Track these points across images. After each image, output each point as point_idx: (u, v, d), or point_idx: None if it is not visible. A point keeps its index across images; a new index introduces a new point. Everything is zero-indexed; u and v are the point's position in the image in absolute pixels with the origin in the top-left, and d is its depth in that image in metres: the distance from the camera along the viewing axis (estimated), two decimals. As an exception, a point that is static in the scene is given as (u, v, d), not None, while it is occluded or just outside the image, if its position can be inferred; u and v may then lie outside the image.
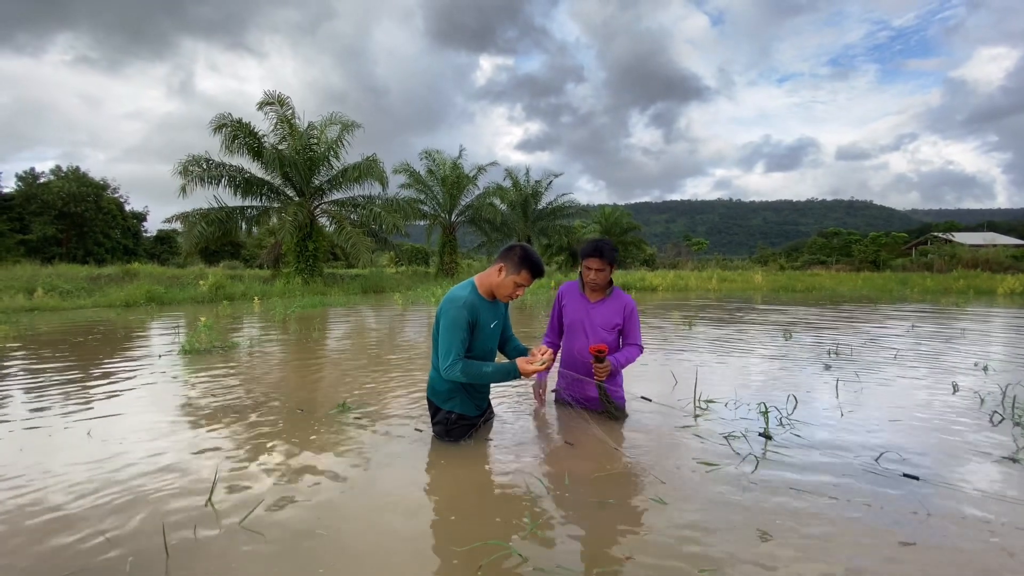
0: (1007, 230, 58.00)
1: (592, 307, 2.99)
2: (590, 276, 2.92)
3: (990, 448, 2.63)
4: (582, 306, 3.01)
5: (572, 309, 3.03)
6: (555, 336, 3.17)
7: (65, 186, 31.95)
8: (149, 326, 7.99)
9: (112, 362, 4.91)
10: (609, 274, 2.93)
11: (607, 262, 2.87)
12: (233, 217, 17.15)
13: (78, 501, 2.05)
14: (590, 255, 2.88)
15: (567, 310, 3.05)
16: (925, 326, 7.59)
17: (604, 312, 2.98)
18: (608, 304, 2.99)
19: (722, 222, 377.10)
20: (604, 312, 2.98)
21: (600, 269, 2.88)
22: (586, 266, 2.92)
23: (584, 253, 2.92)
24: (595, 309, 2.99)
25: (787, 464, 2.40)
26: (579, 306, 3.02)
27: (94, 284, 13.84)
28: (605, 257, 2.86)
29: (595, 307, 2.99)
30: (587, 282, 2.96)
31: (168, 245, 40.07)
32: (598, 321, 2.97)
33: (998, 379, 4.10)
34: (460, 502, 2.06)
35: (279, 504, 2.02)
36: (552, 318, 3.19)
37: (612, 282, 3.03)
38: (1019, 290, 15.58)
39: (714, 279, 19.91)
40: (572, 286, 3.10)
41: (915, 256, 38.06)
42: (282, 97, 16.89)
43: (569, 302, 3.06)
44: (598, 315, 2.98)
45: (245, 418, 3.15)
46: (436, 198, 24.51)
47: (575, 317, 3.01)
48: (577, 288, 3.07)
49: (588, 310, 2.99)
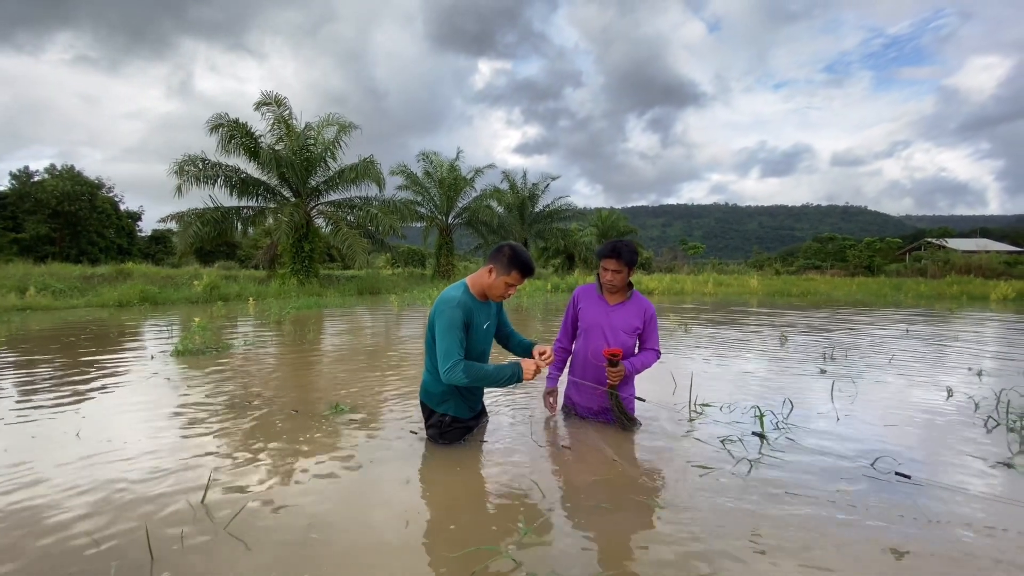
0: (1000, 236, 58.46)
1: (612, 310, 2.91)
2: (607, 277, 2.83)
3: (985, 453, 2.63)
4: (601, 309, 2.92)
5: (590, 312, 2.94)
6: (567, 340, 3.10)
7: (59, 185, 31.76)
8: (142, 326, 7.93)
9: (104, 363, 4.86)
10: (627, 276, 2.83)
11: (625, 263, 2.78)
12: (229, 217, 17.08)
13: (63, 503, 2.01)
14: (607, 256, 2.79)
15: (584, 313, 2.96)
16: (919, 331, 7.62)
17: (624, 315, 2.89)
18: (628, 307, 2.91)
19: (718, 226, 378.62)
20: (624, 315, 2.89)
21: (617, 270, 2.79)
22: (603, 267, 2.84)
23: (601, 254, 2.84)
24: (615, 312, 2.90)
25: (782, 468, 2.39)
26: (598, 309, 2.93)
27: (87, 284, 13.74)
28: (623, 258, 2.77)
29: (615, 310, 2.90)
30: (604, 283, 2.87)
31: (163, 245, 39.88)
32: (618, 324, 2.88)
33: (992, 384, 4.11)
34: (454, 506, 2.04)
35: (270, 507, 1.99)
36: (566, 321, 3.10)
37: (632, 284, 2.96)
38: (1012, 296, 15.68)
39: (710, 283, 19.95)
40: (589, 289, 3.02)
41: (909, 261, 38.28)
42: (279, 98, 16.87)
43: (586, 305, 2.97)
44: (618, 318, 2.89)
45: (238, 419, 3.12)
46: (433, 200, 24.50)
47: (593, 320, 2.92)
48: (595, 290, 2.98)
49: (607, 312, 2.90)
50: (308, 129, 17.54)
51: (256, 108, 16.80)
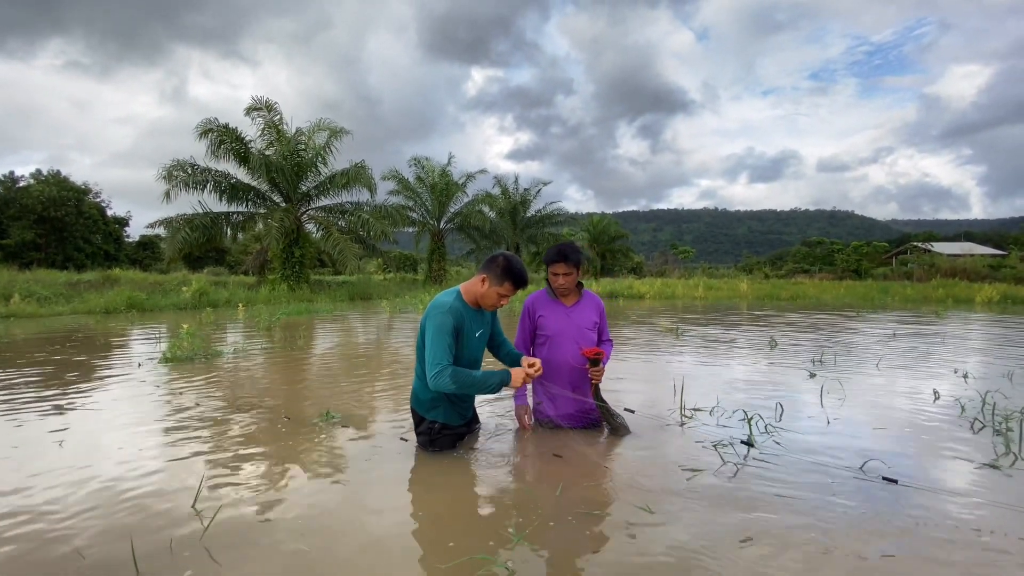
0: (984, 240, 59.39)
1: (571, 311, 2.95)
2: (559, 281, 2.87)
3: (971, 456, 2.66)
4: (562, 313, 2.95)
5: (552, 319, 2.94)
6: (525, 351, 3.04)
7: (45, 190, 31.34)
8: (129, 333, 7.83)
9: (90, 371, 4.79)
10: (576, 276, 2.89)
11: (573, 265, 2.84)
12: (218, 223, 16.95)
13: (46, 515, 1.98)
14: (555, 260, 2.84)
15: (545, 321, 2.95)
16: (906, 334, 7.71)
17: (584, 313, 2.96)
18: (584, 305, 2.98)
19: (708, 231, 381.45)
20: (584, 313, 2.96)
21: (567, 273, 2.85)
22: (553, 272, 2.88)
23: (549, 259, 2.88)
24: (574, 312, 2.95)
25: (772, 471, 2.41)
26: (558, 314, 2.94)
27: (73, 290, 13.55)
28: (571, 260, 2.83)
29: (573, 310, 2.96)
30: (556, 287, 2.91)
31: (151, 251, 39.44)
32: (582, 323, 2.93)
33: (978, 386, 4.17)
34: (446, 514, 2.03)
35: (260, 517, 1.97)
36: (523, 332, 3.04)
37: (581, 284, 3.01)
38: (996, 298, 15.94)
39: (700, 287, 20.07)
40: (541, 296, 3.02)
41: (896, 265, 38.81)
42: (270, 103, 16.81)
43: (545, 312, 2.96)
44: (580, 317, 2.94)
45: (226, 428, 3.08)
46: (425, 205, 24.48)
47: (558, 326, 2.92)
48: (546, 296, 3.00)
49: (568, 314, 2.94)
50: (299, 134, 17.48)
51: (247, 113, 16.72)
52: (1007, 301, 15.81)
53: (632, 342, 6.83)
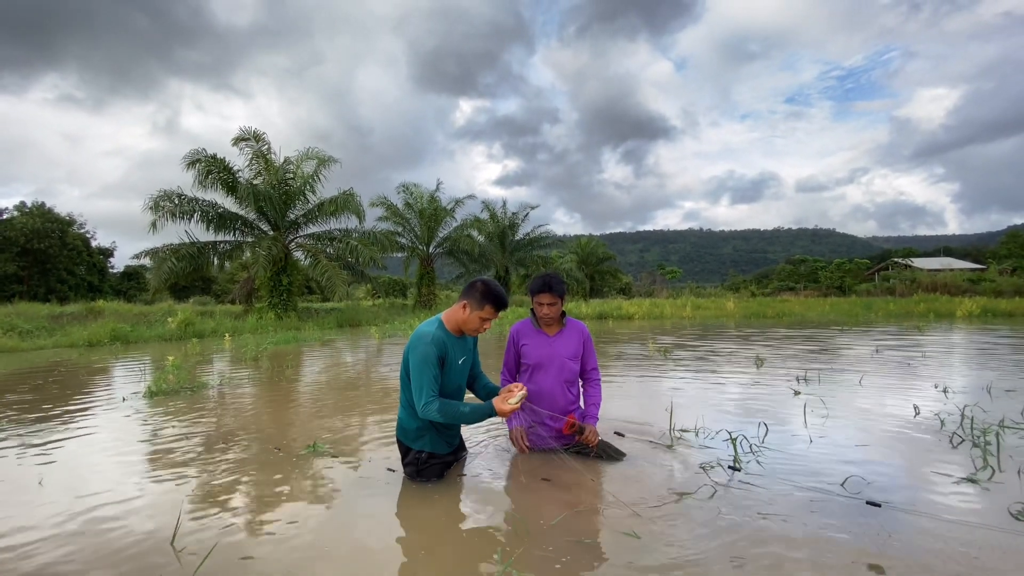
0: (963, 255, 60.83)
1: (553, 340, 3.00)
2: (543, 311, 2.93)
3: (950, 470, 2.72)
4: (543, 341, 3.00)
5: (535, 348, 2.99)
6: (511, 377, 3.11)
7: (28, 222, 31.04)
8: (113, 366, 7.70)
9: (72, 406, 4.71)
10: (561, 306, 2.95)
11: (557, 295, 2.90)
12: (205, 252, 16.87)
13: (27, 553, 1.94)
14: (541, 291, 2.90)
15: (528, 350, 3.00)
16: (889, 350, 7.84)
17: (565, 343, 3.01)
18: (567, 334, 3.03)
19: (694, 251, 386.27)
20: (565, 343, 3.01)
21: (552, 303, 2.91)
22: (538, 302, 2.94)
23: (534, 290, 2.94)
24: (557, 342, 3.00)
25: (758, 492, 2.44)
26: (540, 343, 3.00)
27: (56, 323, 13.33)
28: (555, 291, 2.89)
29: (555, 340, 3.01)
30: (541, 317, 2.96)
31: (136, 281, 38.98)
32: (564, 353, 2.98)
33: (957, 400, 4.25)
34: (434, 543, 2.03)
35: (245, 551, 1.95)
36: (508, 359, 3.10)
37: (564, 313, 3.07)
38: (977, 312, 16.28)
39: (688, 307, 20.27)
40: (525, 325, 3.08)
41: (878, 281, 39.51)
42: (258, 133, 16.96)
43: (528, 341, 3.02)
44: (562, 347, 2.99)
45: (211, 461, 3.04)
46: (414, 230, 24.58)
47: (540, 355, 2.98)
48: (531, 325, 3.06)
49: (550, 344, 2.99)
50: (287, 163, 17.60)
51: (235, 143, 16.84)
52: (987, 315, 16.15)
53: (622, 362, 6.86)
